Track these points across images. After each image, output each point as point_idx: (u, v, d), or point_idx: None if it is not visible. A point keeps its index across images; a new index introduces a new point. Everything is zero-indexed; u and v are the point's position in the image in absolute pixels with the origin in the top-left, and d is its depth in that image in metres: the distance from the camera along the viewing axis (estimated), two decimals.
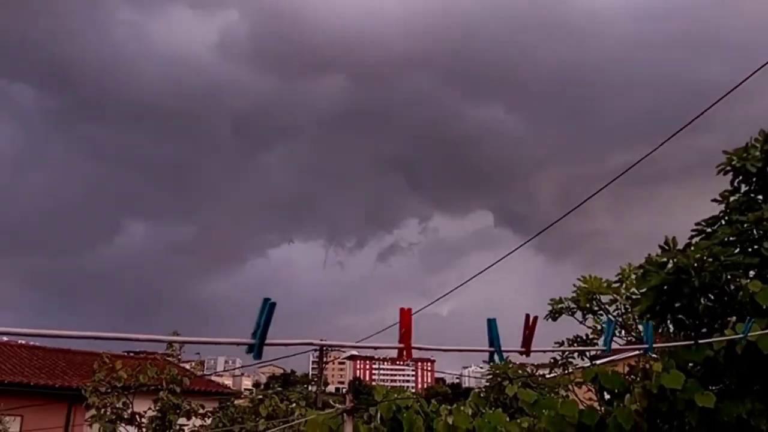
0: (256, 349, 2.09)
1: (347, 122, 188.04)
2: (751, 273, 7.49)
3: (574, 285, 12.09)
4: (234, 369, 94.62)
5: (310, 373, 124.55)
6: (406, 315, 2.68)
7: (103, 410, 15.04)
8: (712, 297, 7.40)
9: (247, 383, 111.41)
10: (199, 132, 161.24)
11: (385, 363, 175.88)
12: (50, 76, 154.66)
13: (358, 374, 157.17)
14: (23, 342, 26.51)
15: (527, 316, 3.12)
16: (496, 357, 3.04)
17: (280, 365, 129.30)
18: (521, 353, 3.16)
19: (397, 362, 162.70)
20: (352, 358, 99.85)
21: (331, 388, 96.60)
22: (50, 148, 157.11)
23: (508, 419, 9.14)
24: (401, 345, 2.69)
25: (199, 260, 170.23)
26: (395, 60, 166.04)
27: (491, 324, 3.04)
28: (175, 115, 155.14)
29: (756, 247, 7.56)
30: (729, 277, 7.21)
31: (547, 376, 13.93)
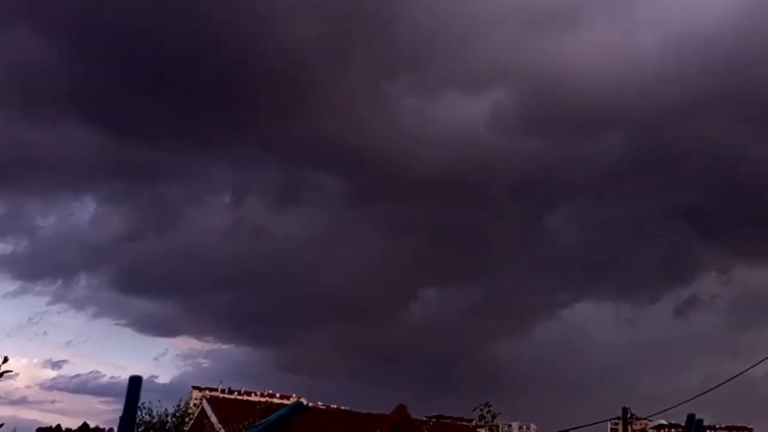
0: None
1: (630, 175, 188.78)
2: None
3: None
4: None
5: None
6: None
7: None
8: None
9: None
10: (480, 200, 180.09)
11: None
12: (350, 164, 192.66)
13: None
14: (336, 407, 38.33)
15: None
16: None
17: None
18: None
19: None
20: (659, 427, 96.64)
21: None
22: (352, 227, 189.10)
23: None
24: None
25: (488, 322, 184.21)
26: (673, 109, 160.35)
27: None
28: (457, 187, 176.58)
29: None
30: None
31: None
